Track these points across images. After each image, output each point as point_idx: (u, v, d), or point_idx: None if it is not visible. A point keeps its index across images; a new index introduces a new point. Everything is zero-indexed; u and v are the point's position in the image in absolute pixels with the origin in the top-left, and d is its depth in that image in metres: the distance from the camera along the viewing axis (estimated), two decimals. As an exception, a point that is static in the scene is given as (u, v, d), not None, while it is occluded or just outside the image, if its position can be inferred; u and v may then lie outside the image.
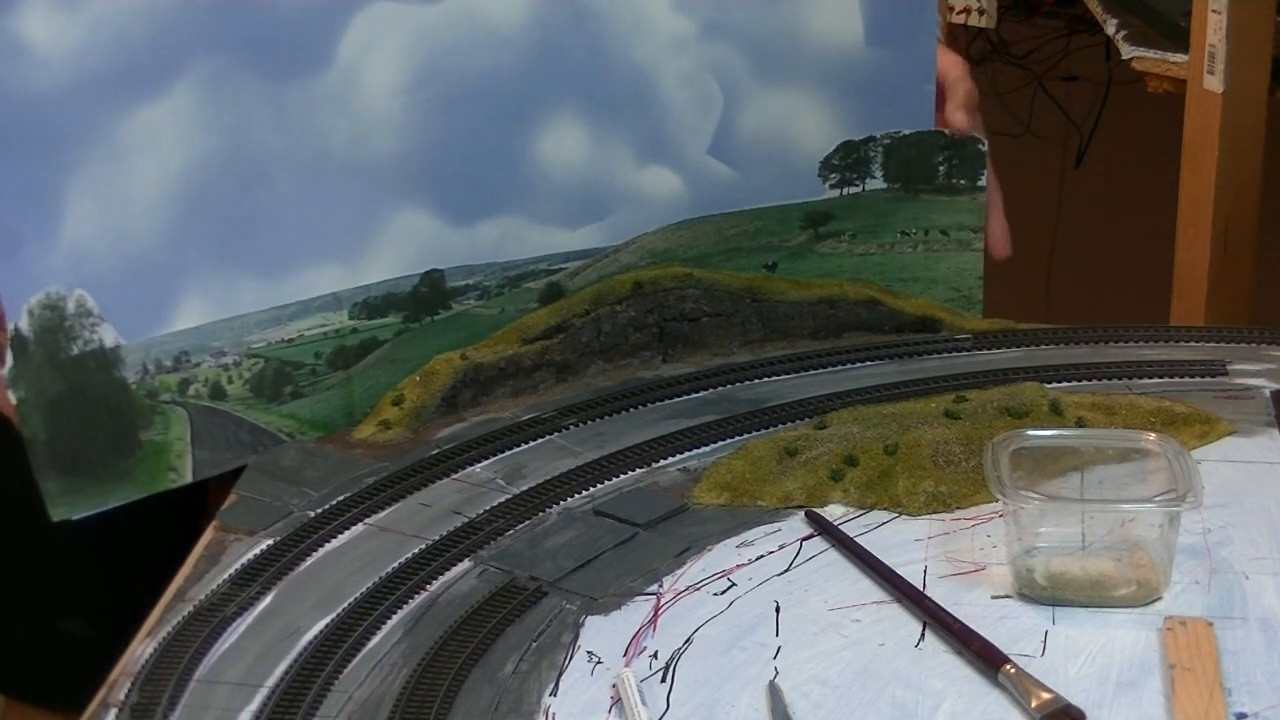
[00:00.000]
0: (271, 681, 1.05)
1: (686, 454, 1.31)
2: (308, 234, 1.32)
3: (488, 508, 1.24)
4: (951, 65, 1.47)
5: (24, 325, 1.22)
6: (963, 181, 1.49)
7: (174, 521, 1.34)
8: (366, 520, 1.23)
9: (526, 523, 1.22)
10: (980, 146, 1.48)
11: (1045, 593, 1.10)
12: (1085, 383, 1.38)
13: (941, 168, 1.49)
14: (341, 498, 1.26)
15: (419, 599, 1.13)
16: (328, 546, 1.20)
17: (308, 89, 1.29)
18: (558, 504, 1.24)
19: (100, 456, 1.27)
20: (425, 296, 1.39)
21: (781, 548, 1.18)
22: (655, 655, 1.06)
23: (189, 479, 1.31)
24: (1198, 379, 1.38)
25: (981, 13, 2.46)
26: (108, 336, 1.25)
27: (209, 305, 1.30)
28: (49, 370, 1.23)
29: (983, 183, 1.48)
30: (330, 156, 1.31)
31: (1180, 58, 1.88)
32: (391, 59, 1.32)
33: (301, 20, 1.28)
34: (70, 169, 1.22)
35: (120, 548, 1.50)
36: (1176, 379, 1.38)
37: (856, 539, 1.17)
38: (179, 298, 1.28)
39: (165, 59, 1.24)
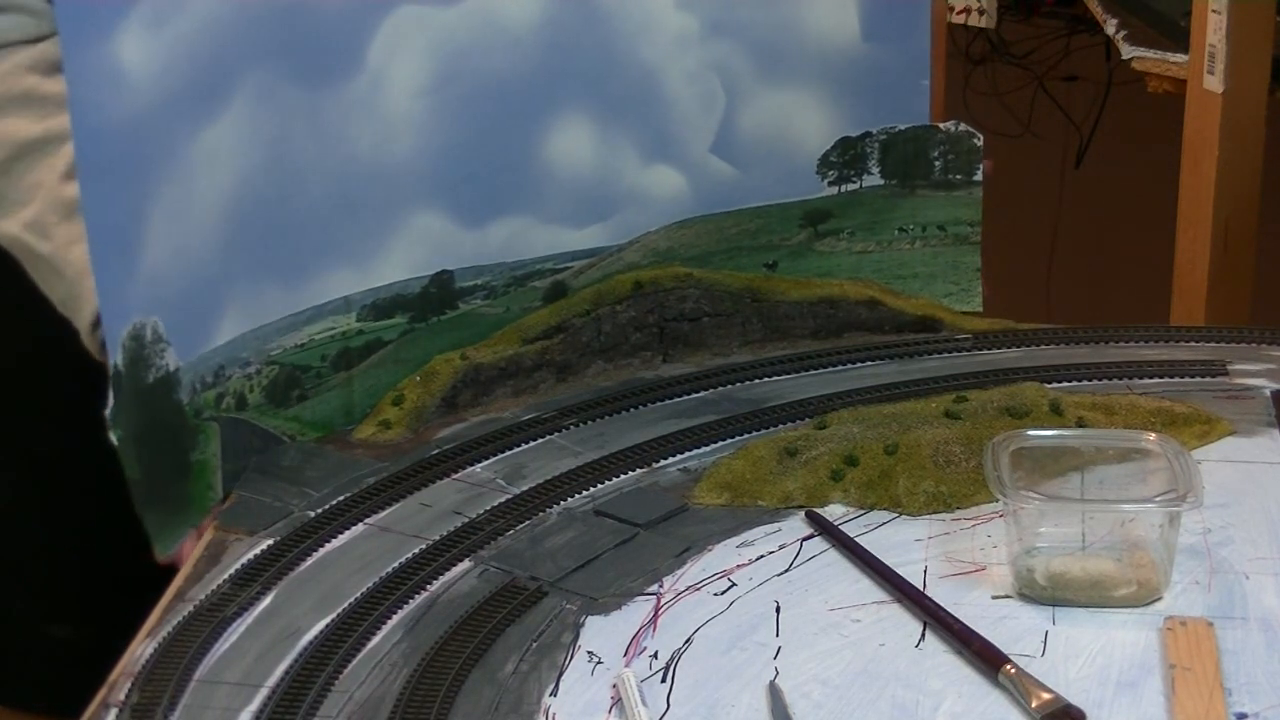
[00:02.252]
0: (272, 682, 1.05)
1: (687, 454, 1.31)
2: (330, 240, 1.32)
3: (488, 508, 1.24)
4: None
5: (119, 360, 1.17)
6: (958, 176, 1.49)
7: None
8: (367, 520, 1.23)
9: (527, 523, 1.22)
10: (975, 141, 1.48)
11: (1045, 593, 1.10)
12: (1085, 383, 1.39)
13: (938, 163, 1.49)
14: (342, 498, 1.26)
15: (419, 599, 1.13)
16: (328, 547, 1.20)
17: (340, 96, 1.29)
18: (558, 504, 1.24)
19: (171, 484, 1.24)
20: (433, 297, 1.39)
21: (782, 548, 1.18)
22: (655, 655, 1.06)
23: (220, 495, 1.28)
24: (1198, 379, 1.38)
25: (981, 13, 2.46)
26: (170, 361, 1.22)
27: (243, 317, 1.29)
28: (133, 404, 1.19)
29: (978, 177, 1.49)
30: (356, 162, 1.31)
31: (1180, 58, 1.88)
32: (414, 62, 1.32)
33: (339, 27, 1.28)
34: (150, 193, 1.19)
35: (107, 553, 1.50)
36: (1177, 379, 1.39)
37: (857, 539, 1.17)
38: (222, 312, 1.27)
39: (226, 74, 1.22)
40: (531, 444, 1.34)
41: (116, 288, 1.17)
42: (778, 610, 1.11)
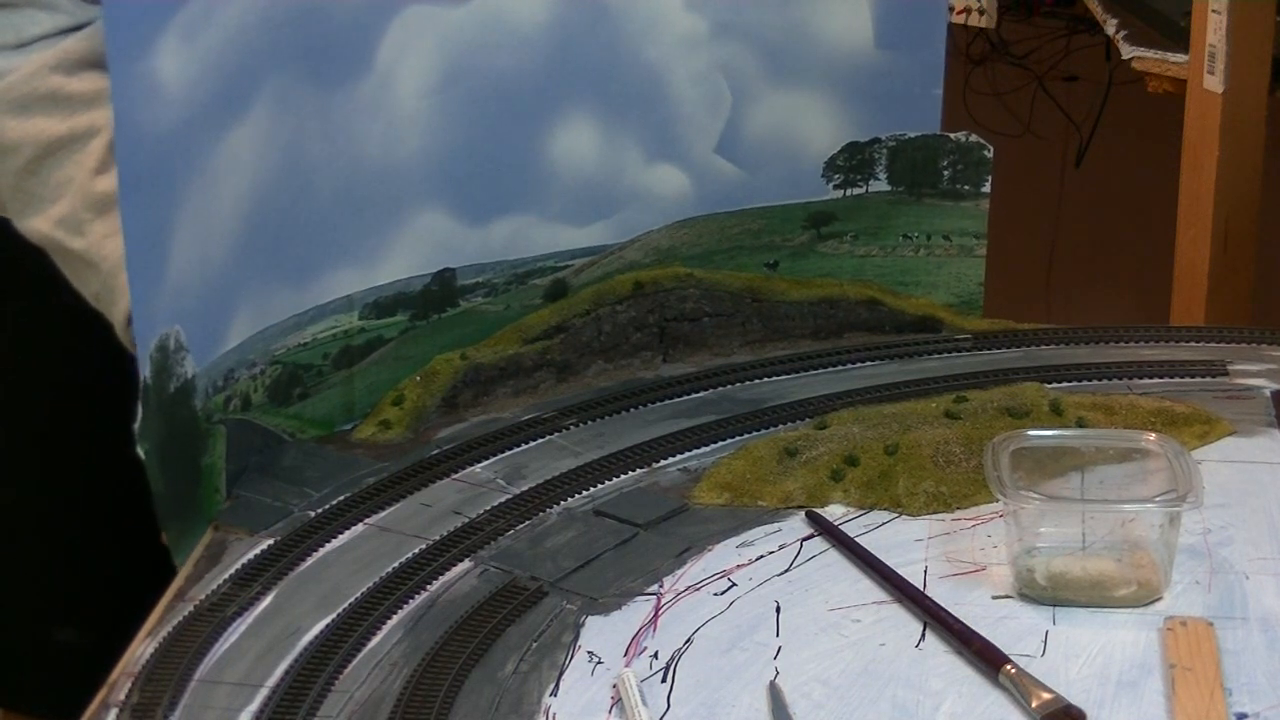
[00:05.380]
0: (272, 681, 1.05)
1: (687, 454, 1.31)
2: (336, 240, 1.32)
3: (488, 508, 1.24)
4: None
5: (147, 374, 1.16)
6: (967, 187, 1.49)
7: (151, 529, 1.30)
8: (367, 520, 1.23)
9: (527, 523, 1.22)
10: (986, 152, 1.48)
11: (1046, 593, 1.10)
12: (1085, 383, 1.39)
13: (946, 172, 1.49)
14: (342, 498, 1.26)
15: (419, 599, 1.13)
16: (328, 546, 1.20)
17: (350, 96, 1.28)
18: (558, 504, 1.24)
19: (186, 493, 1.23)
20: (434, 295, 1.39)
21: (782, 548, 1.18)
22: (656, 655, 1.06)
23: (225, 497, 1.27)
24: (1198, 379, 1.38)
25: (981, 13, 2.46)
26: (189, 369, 1.21)
27: (252, 320, 1.28)
28: (157, 416, 1.18)
29: (986, 189, 1.48)
30: (364, 162, 1.31)
31: (1180, 58, 1.88)
32: (422, 61, 1.31)
33: (350, 28, 1.27)
34: (178, 204, 1.18)
35: (105, 556, 1.50)
36: (1177, 379, 1.39)
37: (857, 539, 1.17)
38: (235, 317, 1.26)
39: (249, 81, 1.22)
40: (531, 444, 1.33)
41: (148, 299, 1.17)
42: (778, 610, 1.11)
